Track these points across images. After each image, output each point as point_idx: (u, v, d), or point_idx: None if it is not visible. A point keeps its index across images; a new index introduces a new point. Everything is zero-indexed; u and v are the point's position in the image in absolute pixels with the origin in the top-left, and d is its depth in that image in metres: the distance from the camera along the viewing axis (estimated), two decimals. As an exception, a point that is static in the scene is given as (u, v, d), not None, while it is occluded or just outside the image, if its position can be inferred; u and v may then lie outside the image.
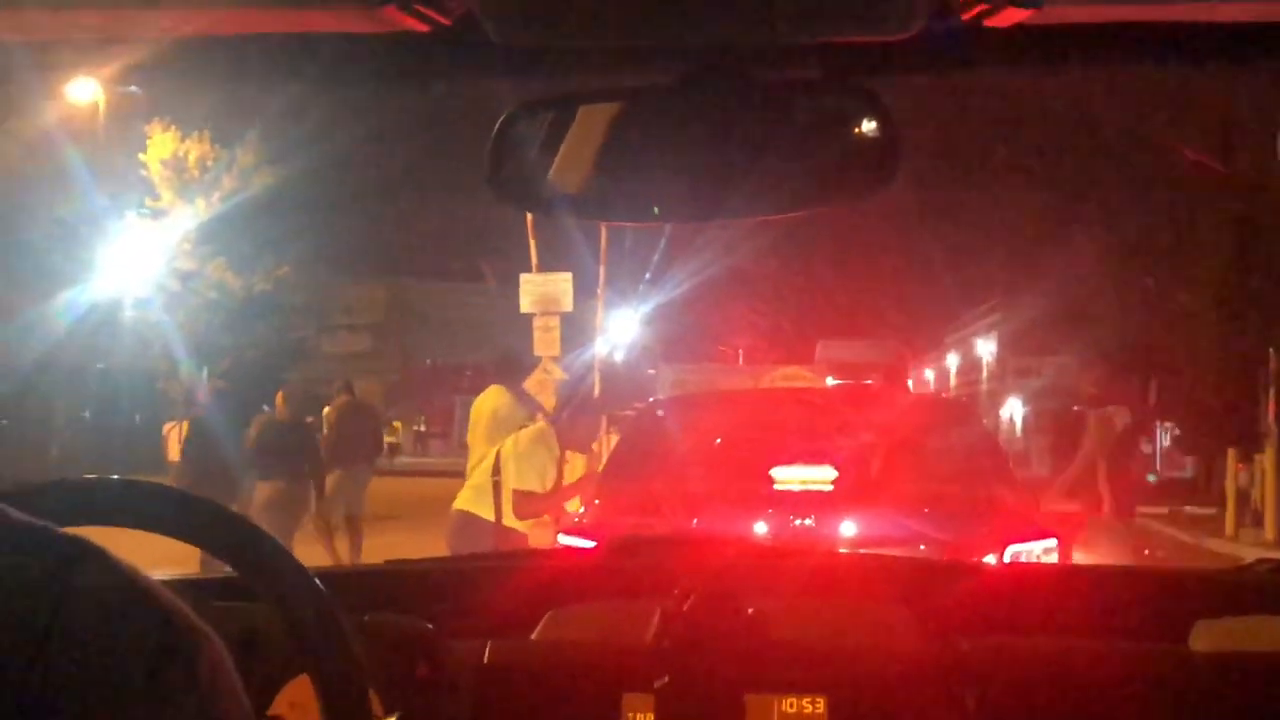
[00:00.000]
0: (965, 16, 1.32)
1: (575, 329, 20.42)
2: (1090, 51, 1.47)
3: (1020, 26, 1.32)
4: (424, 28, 1.33)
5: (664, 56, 1.47)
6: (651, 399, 14.21)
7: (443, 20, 1.33)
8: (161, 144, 29.33)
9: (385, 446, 15.81)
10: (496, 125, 1.52)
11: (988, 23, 1.32)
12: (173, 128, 29.44)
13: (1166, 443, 34.65)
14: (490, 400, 9.79)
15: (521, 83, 1.56)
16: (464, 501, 8.16)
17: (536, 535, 7.81)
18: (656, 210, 1.58)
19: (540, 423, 8.11)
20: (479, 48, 1.40)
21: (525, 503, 7.74)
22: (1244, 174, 25.11)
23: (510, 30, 1.35)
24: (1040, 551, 5.92)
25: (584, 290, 20.60)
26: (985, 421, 11.97)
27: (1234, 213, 25.46)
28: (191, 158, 29.55)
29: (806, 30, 1.38)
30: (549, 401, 12.18)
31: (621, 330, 33.30)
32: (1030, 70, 1.53)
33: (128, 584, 0.84)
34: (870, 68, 1.47)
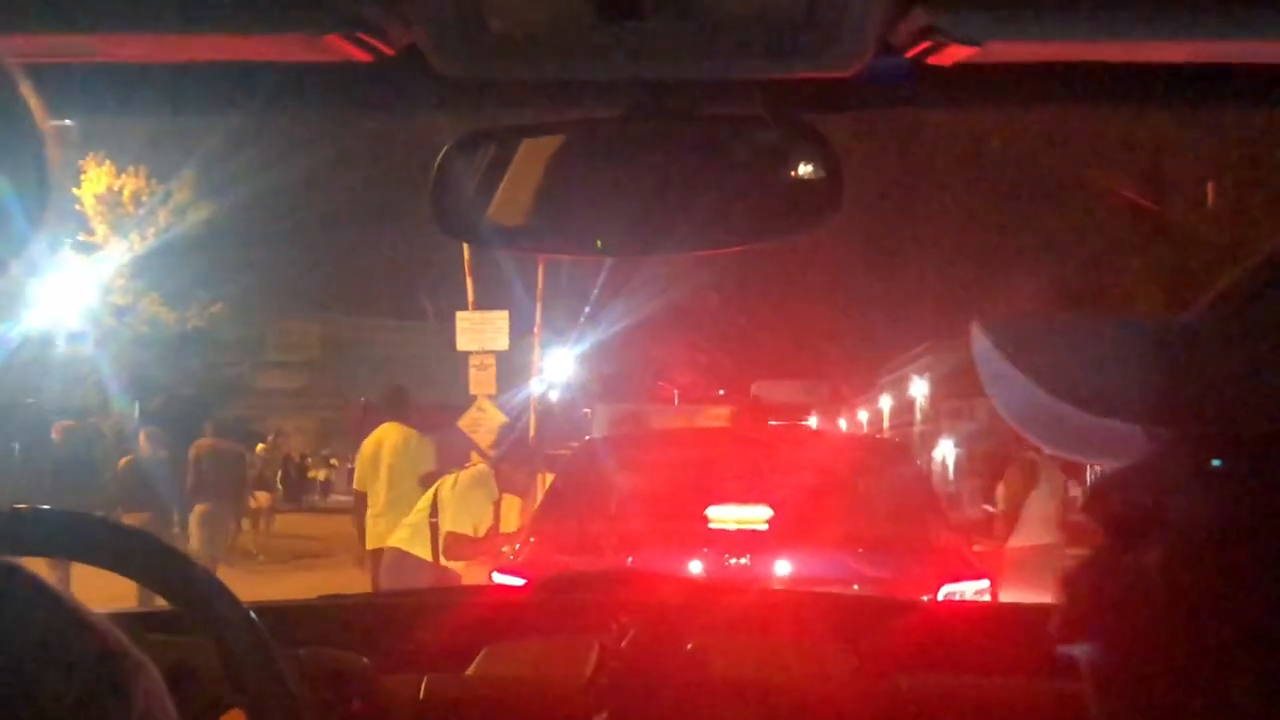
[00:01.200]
0: (909, 54, 1.32)
1: (511, 367, 20.38)
2: (1031, 91, 1.49)
3: (962, 65, 1.33)
4: (367, 58, 1.33)
5: (607, 90, 1.47)
6: (587, 438, 14.19)
7: (386, 50, 1.32)
8: (96, 178, 29.13)
9: (248, 488, 16.31)
10: (439, 157, 1.52)
11: (930, 60, 1.33)
12: (107, 162, 29.24)
13: (1097, 483, 34.78)
14: (384, 437, 9.72)
15: (464, 115, 1.56)
16: (399, 540, 8.14)
17: (470, 577, 7.80)
18: (599, 244, 1.58)
19: (480, 465, 8.09)
20: (422, 79, 1.39)
21: (457, 546, 7.74)
22: (1177, 220, 25.41)
23: (454, 62, 1.35)
24: (973, 592, 5.94)
25: (520, 328, 20.57)
26: (918, 462, 12.00)
27: (1166, 259, 25.74)
28: (126, 192, 29.36)
29: (750, 65, 1.38)
30: (484, 440, 12.14)
31: (558, 368, 33.22)
32: (972, 109, 1.54)
33: (63, 610, 0.82)
34: (813, 104, 1.47)
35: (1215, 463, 0.57)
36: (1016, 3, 1.24)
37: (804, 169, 1.49)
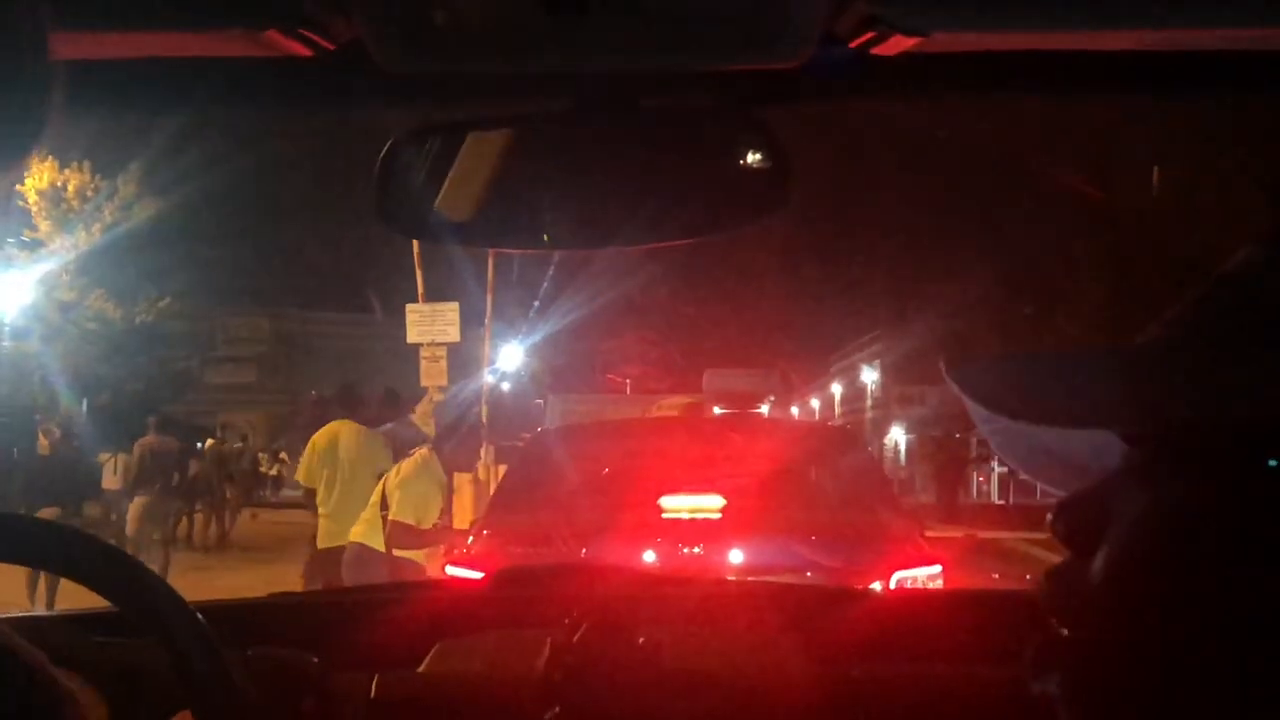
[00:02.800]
0: (853, 44, 1.32)
1: (462, 359, 20.36)
2: (976, 80, 1.49)
3: (907, 54, 1.33)
4: (308, 53, 1.32)
5: (553, 83, 1.47)
6: (540, 429, 14.19)
7: (327, 45, 1.31)
8: (39, 174, 28.93)
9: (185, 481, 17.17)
10: (382, 152, 1.51)
11: (875, 51, 1.33)
12: (50, 158, 29.03)
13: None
14: (338, 434, 9.64)
15: (409, 110, 1.55)
16: (358, 534, 8.14)
17: (433, 565, 7.79)
18: (546, 238, 1.57)
19: (422, 451, 8.05)
20: (365, 74, 1.38)
21: (401, 535, 7.73)
22: (1123, 205, 25.60)
23: (397, 56, 1.34)
24: (925, 578, 5.98)
25: (471, 320, 20.56)
26: (870, 449, 12.08)
27: (1112, 243, 25.94)
28: (70, 188, 29.17)
29: (696, 57, 1.38)
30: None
31: (509, 360, 33.23)
32: (917, 97, 1.55)
33: None
34: (760, 95, 1.47)
35: (1271, 462, 0.56)
36: None
37: (752, 160, 1.49)
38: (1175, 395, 0.63)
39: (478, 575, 4.70)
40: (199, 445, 29.25)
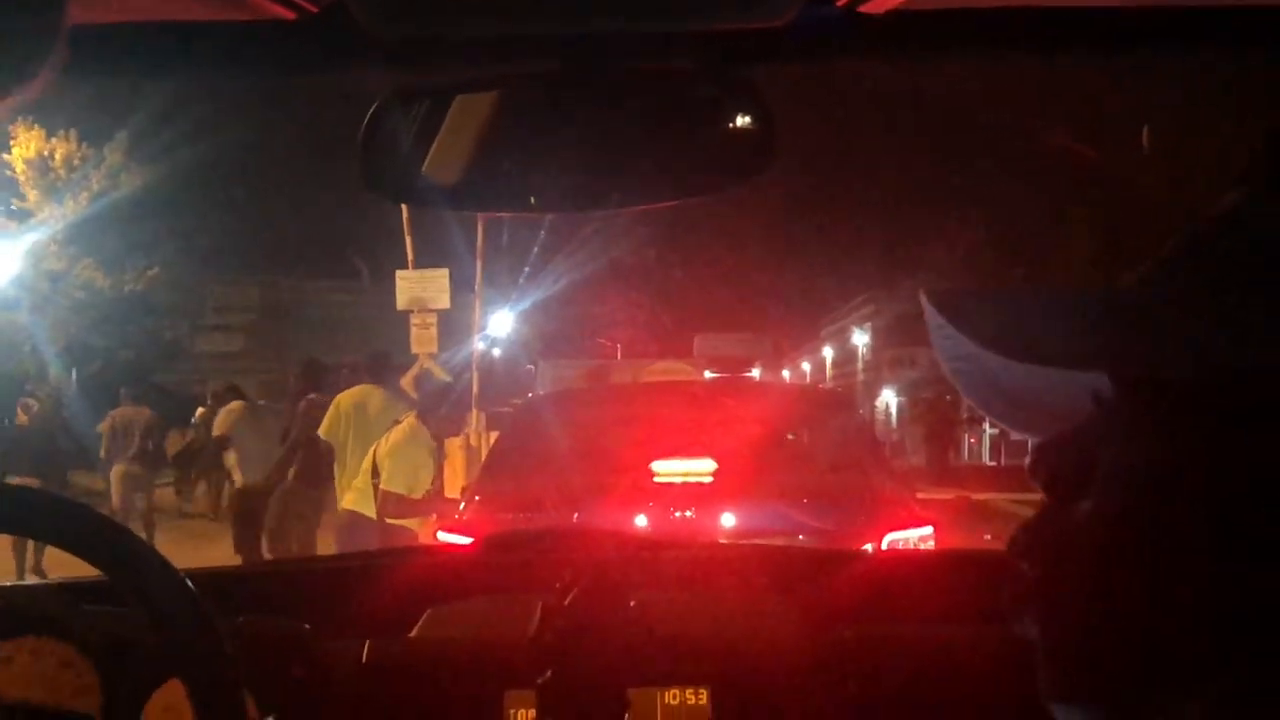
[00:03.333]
0: (840, 2, 1.32)
1: (453, 325, 20.33)
2: (964, 37, 1.48)
3: (895, 12, 1.32)
4: (290, 15, 1.31)
5: (538, 45, 1.46)
6: (530, 395, 14.19)
7: (310, 7, 1.31)
8: (26, 143, 28.91)
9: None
10: (367, 115, 1.50)
11: (862, 9, 1.32)
12: (37, 126, 28.99)
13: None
14: (359, 396, 9.56)
15: (393, 73, 1.54)
16: (350, 501, 8.15)
17: (426, 531, 7.79)
18: (533, 201, 1.56)
19: (409, 419, 8.03)
20: (349, 37, 1.37)
21: (392, 504, 7.74)
22: (1113, 164, 25.58)
23: (381, 19, 1.33)
24: (917, 539, 5.99)
25: (461, 286, 20.51)
26: (861, 411, 12.08)
27: (1102, 201, 25.93)
28: (58, 157, 29.17)
29: (681, 18, 1.37)
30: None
31: (500, 326, 33.21)
32: (905, 57, 1.54)
33: None
34: (745, 56, 1.46)
35: None
36: None
37: (738, 121, 1.48)
38: (1161, 343, 0.63)
39: (469, 541, 4.70)
40: (194, 413, 29.27)
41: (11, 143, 28.84)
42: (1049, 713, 0.70)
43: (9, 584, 1.81)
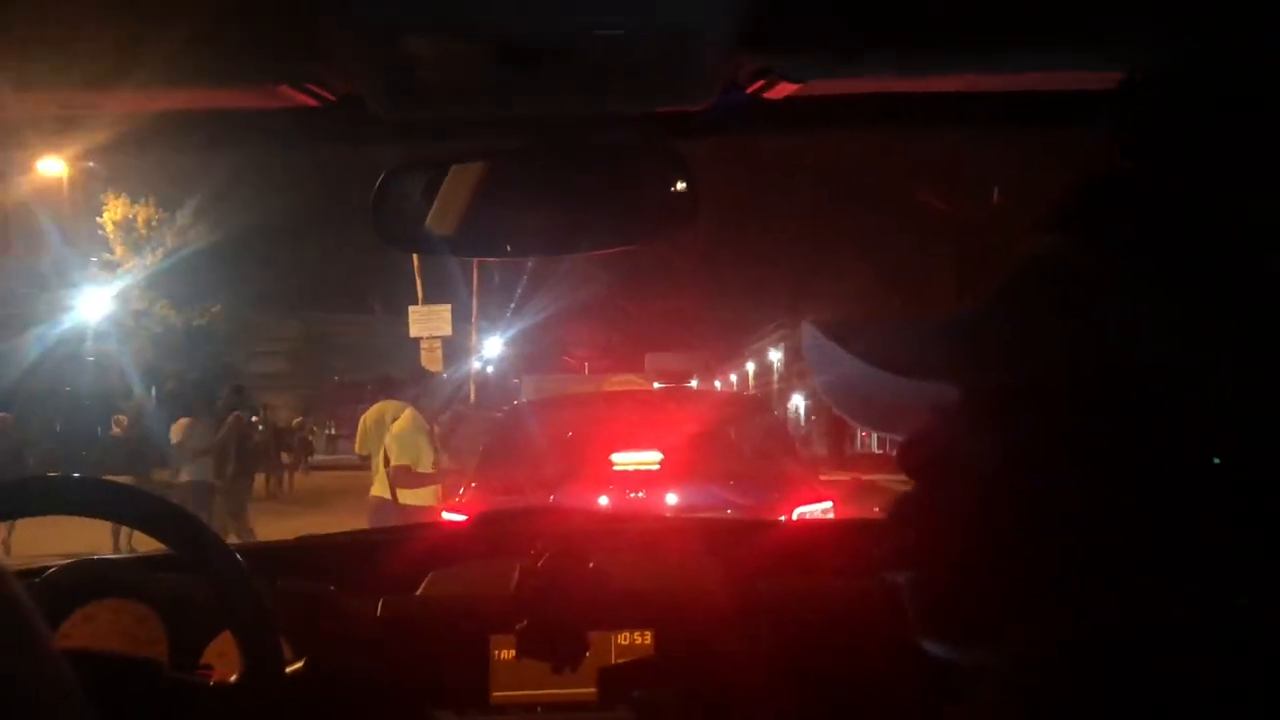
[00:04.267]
0: (749, 90, 1.32)
1: (454, 348, 20.30)
2: (848, 117, 1.48)
3: (791, 98, 1.32)
4: (314, 103, 1.30)
5: (515, 124, 1.46)
6: (516, 401, 14.14)
7: (330, 97, 1.30)
8: (115, 208, 28.96)
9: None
10: (378, 183, 1.50)
11: (766, 95, 1.32)
12: (124, 195, 29.02)
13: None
14: (378, 411, 9.53)
15: (398, 147, 1.54)
16: (377, 489, 8.13)
17: (438, 513, 7.78)
18: (509, 248, 1.57)
19: (407, 410, 8.03)
20: (362, 120, 1.37)
21: (401, 476, 7.76)
22: (969, 218, 25.72)
23: (388, 105, 1.33)
24: (820, 511, 6.00)
25: (461, 317, 20.49)
26: (776, 413, 12.12)
27: (962, 246, 26.06)
28: (140, 219, 29.25)
29: (624, 102, 1.38)
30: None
31: (492, 349, 33.16)
32: (803, 134, 1.54)
33: None
34: (676, 132, 1.47)
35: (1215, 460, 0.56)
36: (832, 48, 1.24)
37: (669, 185, 1.48)
38: (984, 356, 0.64)
39: (464, 518, 4.69)
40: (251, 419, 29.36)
41: (103, 208, 28.84)
42: (914, 649, 0.70)
43: (95, 556, 1.79)
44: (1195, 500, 0.56)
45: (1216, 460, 0.55)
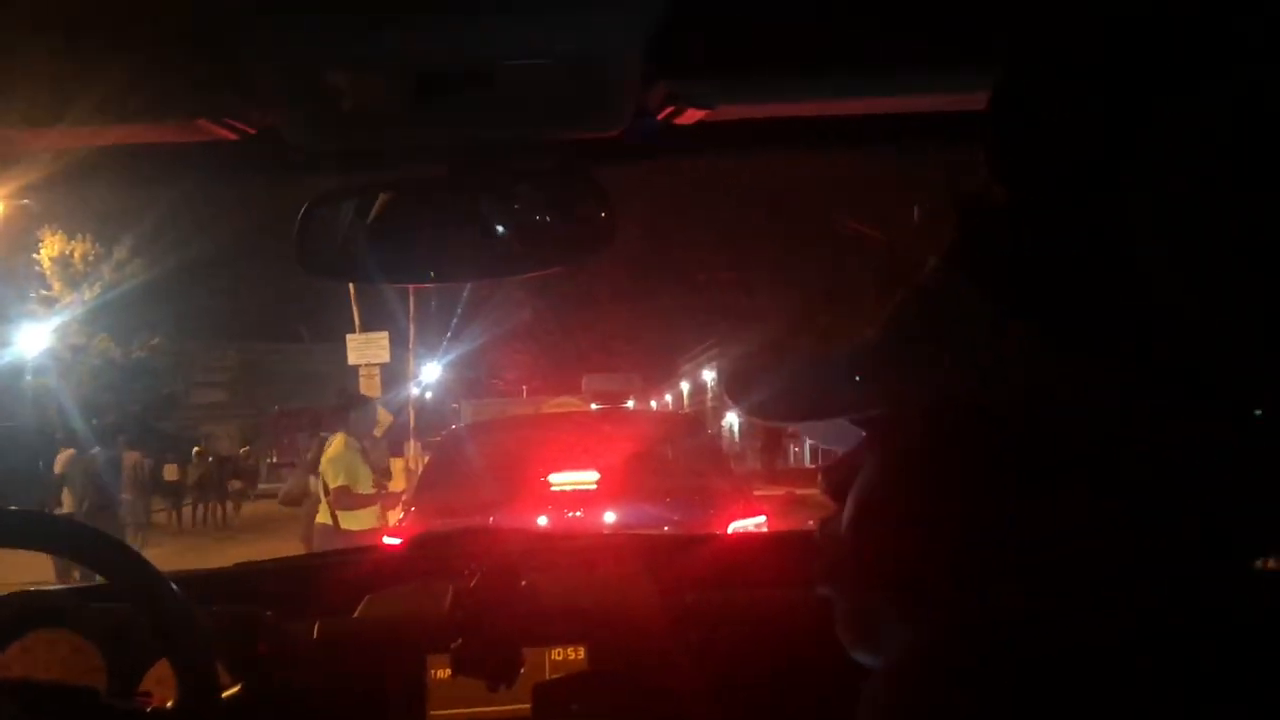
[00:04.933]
0: (659, 116, 1.33)
1: (393, 375, 20.18)
2: (758, 141, 1.51)
3: (701, 123, 1.34)
4: (234, 137, 1.30)
5: (434, 153, 1.46)
6: (455, 426, 14.09)
7: (249, 130, 1.30)
8: (51, 244, 28.68)
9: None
10: (300, 213, 1.50)
11: (676, 121, 1.34)
12: (60, 231, 28.73)
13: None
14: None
15: (319, 178, 1.54)
16: (321, 516, 8.08)
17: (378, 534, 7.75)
18: (432, 274, 1.57)
19: (338, 436, 8.05)
20: (282, 152, 1.37)
21: (342, 497, 7.74)
22: (890, 237, 26.02)
23: (305, 137, 1.33)
24: (754, 525, 6.02)
25: (398, 344, 20.36)
26: (710, 431, 12.15)
27: (884, 263, 26.37)
28: (77, 255, 28.99)
29: (538, 130, 1.39)
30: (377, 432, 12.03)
31: (430, 374, 32.96)
32: (714, 157, 1.56)
33: None
34: (591, 158, 1.48)
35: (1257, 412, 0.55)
36: (737, 75, 1.25)
37: (587, 210, 1.50)
38: (872, 390, 0.66)
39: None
40: (194, 450, 29.17)
41: (40, 245, 28.52)
42: (843, 657, 0.72)
43: (31, 588, 1.77)
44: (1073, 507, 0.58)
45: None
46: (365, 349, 17.45)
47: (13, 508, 1.44)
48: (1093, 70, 0.56)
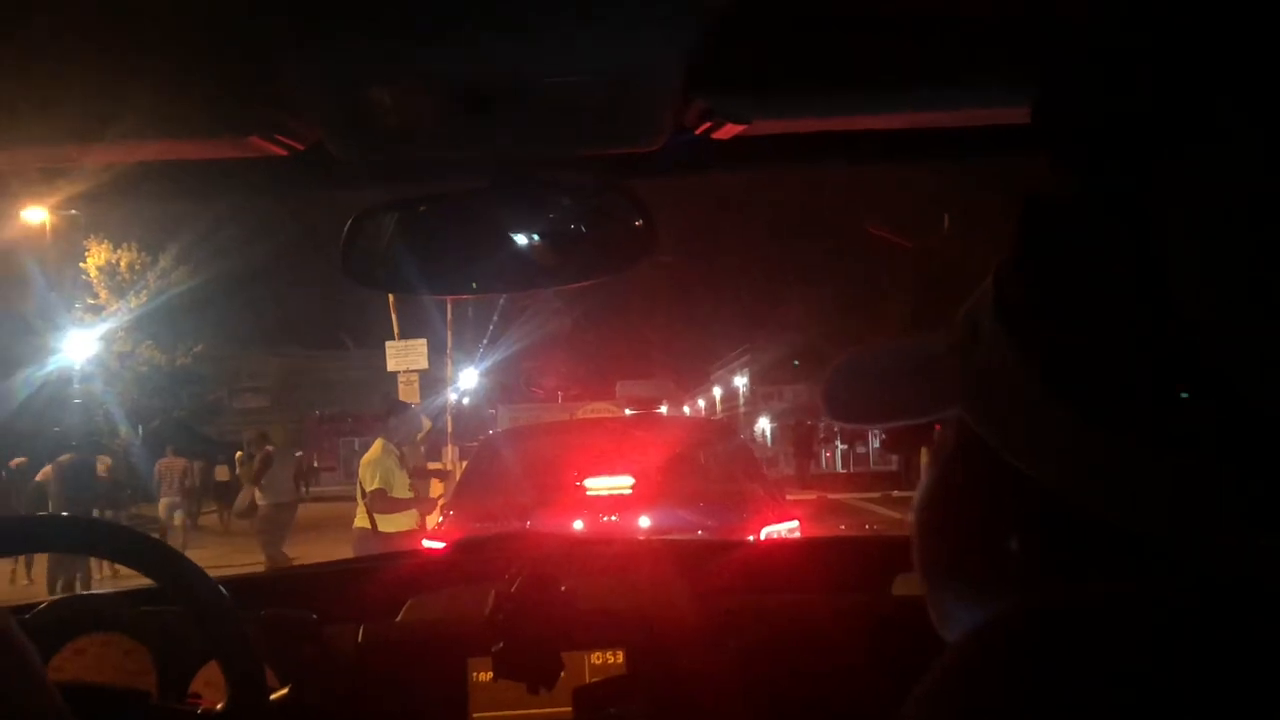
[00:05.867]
0: (697, 131, 1.34)
1: (431, 381, 20.24)
2: (794, 154, 1.50)
3: (738, 138, 1.34)
4: (283, 153, 1.31)
5: (476, 167, 1.47)
6: (491, 431, 14.11)
7: (298, 146, 1.31)
8: (98, 254, 28.93)
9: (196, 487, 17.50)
10: (347, 225, 1.51)
11: (714, 136, 1.34)
12: (106, 241, 28.98)
13: (877, 444, 35.56)
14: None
15: (365, 191, 1.55)
16: (358, 522, 8.11)
17: (417, 537, 7.79)
18: (474, 285, 1.58)
19: (378, 441, 8.07)
20: (330, 166, 1.38)
21: (379, 501, 7.75)
22: (921, 244, 25.99)
23: (352, 152, 1.34)
24: (786, 530, 6.00)
25: (436, 350, 20.43)
26: (742, 436, 12.13)
27: (915, 271, 26.33)
28: (123, 263, 29.25)
29: (579, 144, 1.39)
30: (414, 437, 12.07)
31: (467, 380, 33.03)
32: (750, 171, 1.56)
33: None
34: (630, 172, 1.49)
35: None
36: (774, 90, 1.26)
37: (627, 222, 1.50)
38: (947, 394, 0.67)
39: (442, 546, 4.68)
40: (235, 455, 29.41)
41: (86, 254, 28.76)
42: (879, 660, 0.73)
43: (83, 593, 1.79)
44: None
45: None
46: (404, 355, 17.51)
47: (64, 514, 1.46)
48: (1137, 82, 0.56)
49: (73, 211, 20.75)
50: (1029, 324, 0.60)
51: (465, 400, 33.06)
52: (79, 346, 25.98)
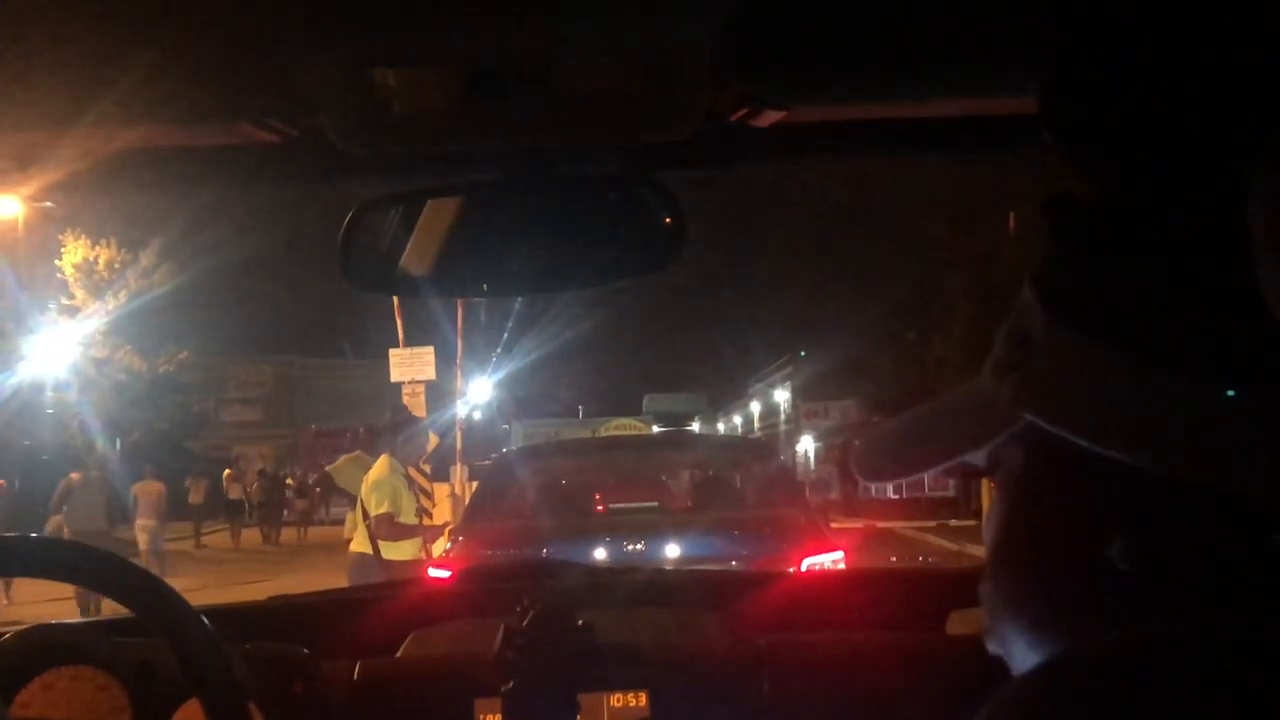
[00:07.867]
0: (733, 118, 1.34)
1: (439, 393, 20.28)
2: (834, 144, 1.50)
3: (777, 125, 1.34)
4: (275, 139, 1.32)
5: (488, 157, 1.47)
6: (505, 449, 14.14)
7: (292, 132, 1.32)
8: (74, 250, 29.11)
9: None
10: (345, 221, 1.51)
11: (751, 123, 1.34)
12: (83, 236, 29.17)
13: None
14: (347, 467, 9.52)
15: (364, 184, 1.56)
16: (356, 545, 8.10)
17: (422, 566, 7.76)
18: (486, 287, 1.58)
19: (383, 458, 8.02)
20: (325, 155, 1.39)
21: (384, 526, 7.71)
22: (984, 245, 25.92)
23: (350, 139, 1.34)
24: (830, 562, 5.99)
25: (445, 360, 20.47)
26: (783, 457, 12.13)
27: (976, 277, 26.25)
28: (101, 261, 29.42)
29: (602, 133, 1.39)
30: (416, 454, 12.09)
31: (479, 393, 33.11)
32: (788, 161, 1.56)
33: None
34: (658, 163, 1.49)
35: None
36: (817, 73, 1.26)
37: (655, 217, 1.50)
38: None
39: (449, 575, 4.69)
40: (224, 473, 29.80)
41: (62, 250, 28.96)
42: (930, 707, 0.75)
43: (52, 622, 1.80)
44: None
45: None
46: (409, 365, 17.55)
47: (34, 535, 1.46)
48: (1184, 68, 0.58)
49: (47, 204, 20.91)
50: (1087, 308, 0.63)
51: (476, 414, 33.12)
52: (52, 351, 26.13)
